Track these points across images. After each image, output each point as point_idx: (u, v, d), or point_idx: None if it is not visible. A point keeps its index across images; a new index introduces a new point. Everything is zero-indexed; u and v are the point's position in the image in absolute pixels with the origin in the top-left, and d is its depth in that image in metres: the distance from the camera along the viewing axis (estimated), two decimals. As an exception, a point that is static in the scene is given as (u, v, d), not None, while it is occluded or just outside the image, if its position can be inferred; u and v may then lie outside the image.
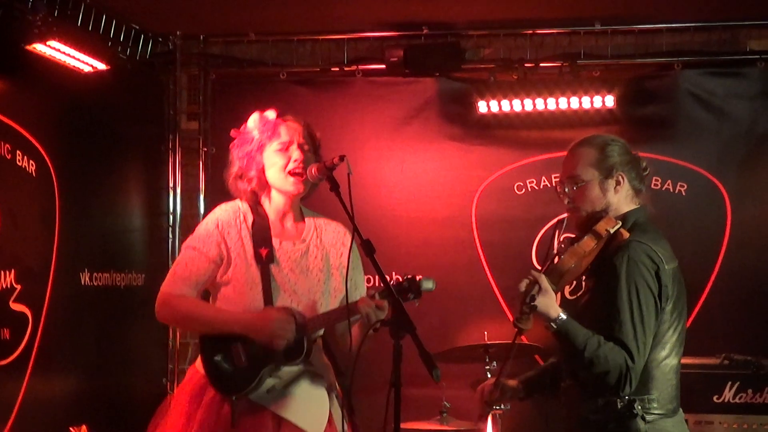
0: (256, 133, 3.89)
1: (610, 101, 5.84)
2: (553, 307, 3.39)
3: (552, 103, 5.89)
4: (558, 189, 3.68)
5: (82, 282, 5.52)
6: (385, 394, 3.25)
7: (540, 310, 3.37)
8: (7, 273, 4.87)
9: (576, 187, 3.59)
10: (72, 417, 5.00)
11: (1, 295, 4.84)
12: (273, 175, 3.87)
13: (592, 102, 5.85)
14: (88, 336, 5.60)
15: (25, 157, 5.00)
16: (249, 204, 3.92)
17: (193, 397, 3.81)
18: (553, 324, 3.38)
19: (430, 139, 6.23)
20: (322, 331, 3.89)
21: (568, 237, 3.65)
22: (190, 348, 6.37)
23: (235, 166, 3.93)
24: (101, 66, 5.39)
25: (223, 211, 3.92)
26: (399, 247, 5.98)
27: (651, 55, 6.11)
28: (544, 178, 6.09)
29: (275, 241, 3.86)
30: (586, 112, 5.90)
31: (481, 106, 5.96)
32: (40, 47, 4.97)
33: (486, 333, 5.43)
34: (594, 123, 5.90)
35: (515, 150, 6.14)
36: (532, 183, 6.09)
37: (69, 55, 5.15)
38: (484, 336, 5.41)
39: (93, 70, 5.38)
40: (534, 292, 3.35)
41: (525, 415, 5.66)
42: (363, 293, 3.85)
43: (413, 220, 6.21)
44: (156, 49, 6.32)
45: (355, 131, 6.20)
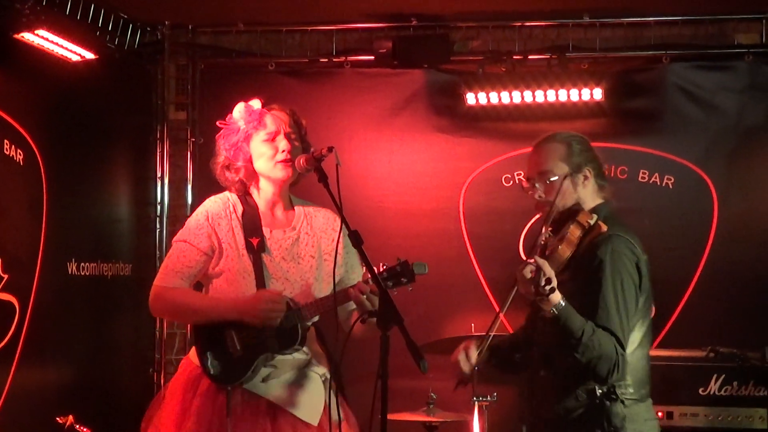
0: (242, 123, 3.90)
1: (598, 94, 5.84)
2: (556, 293, 3.42)
3: (540, 96, 5.88)
4: (525, 185, 3.73)
5: (70, 272, 5.50)
6: (372, 385, 3.26)
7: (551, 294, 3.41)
8: (-6, 262, 4.86)
9: (549, 182, 3.63)
10: (59, 407, 4.98)
11: (-12, 284, 4.84)
12: (261, 165, 3.89)
13: (580, 94, 5.84)
14: (75, 326, 5.59)
15: (13, 146, 4.97)
16: (238, 194, 3.94)
17: (188, 388, 3.82)
18: (555, 309, 3.42)
19: (419, 130, 6.22)
20: (316, 318, 3.90)
21: (548, 229, 3.67)
22: (177, 338, 6.38)
23: (221, 156, 3.94)
24: (89, 55, 5.38)
25: (212, 203, 3.93)
26: (387, 239, 5.96)
27: (639, 48, 6.12)
28: (532, 171, 6.08)
29: (266, 230, 3.87)
30: (574, 104, 5.90)
31: (470, 98, 5.96)
32: (28, 36, 4.95)
33: (473, 324, 5.44)
34: (582, 116, 5.92)
35: (503, 142, 6.13)
36: (519, 175, 6.06)
37: (57, 44, 5.13)
38: (471, 327, 5.42)
39: (81, 60, 5.37)
40: (541, 278, 3.37)
41: (511, 405, 5.66)
42: (360, 275, 3.87)
43: (401, 212, 6.21)
44: (144, 39, 6.30)
45: (343, 122, 6.19)
